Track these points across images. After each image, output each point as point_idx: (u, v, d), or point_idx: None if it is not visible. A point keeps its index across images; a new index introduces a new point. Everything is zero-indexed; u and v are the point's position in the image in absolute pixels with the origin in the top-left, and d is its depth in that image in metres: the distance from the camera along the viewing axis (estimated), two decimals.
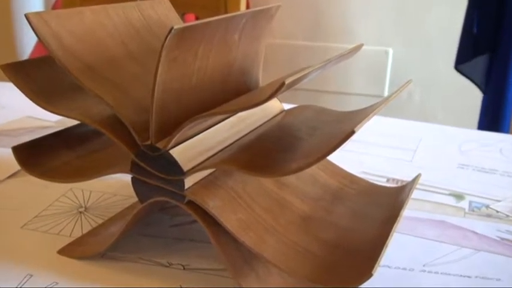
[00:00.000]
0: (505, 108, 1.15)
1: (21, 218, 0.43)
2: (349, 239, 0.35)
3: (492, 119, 1.16)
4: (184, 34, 0.30)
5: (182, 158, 0.33)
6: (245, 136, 0.38)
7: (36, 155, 0.39)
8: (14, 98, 0.44)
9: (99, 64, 0.35)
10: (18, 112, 0.68)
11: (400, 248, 0.40)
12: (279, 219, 0.35)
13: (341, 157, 0.42)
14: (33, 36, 0.34)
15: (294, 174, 0.33)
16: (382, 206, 0.39)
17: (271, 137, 0.37)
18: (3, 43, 1.47)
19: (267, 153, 0.34)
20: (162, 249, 0.39)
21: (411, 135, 0.66)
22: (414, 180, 0.41)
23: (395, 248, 0.40)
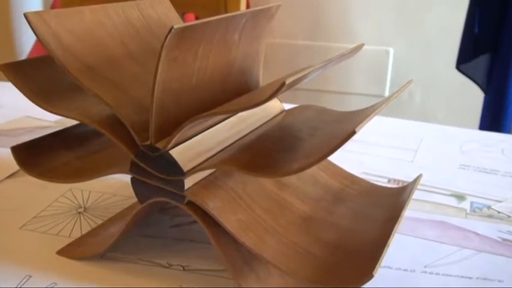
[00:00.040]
0: (507, 108, 1.14)
1: (20, 219, 0.43)
2: (350, 240, 0.35)
3: (493, 119, 1.16)
4: (184, 34, 0.30)
5: (182, 158, 0.33)
6: (245, 136, 0.38)
7: (35, 155, 0.39)
8: (13, 98, 0.44)
9: (98, 64, 0.35)
10: (17, 112, 0.67)
11: (401, 249, 0.40)
12: (280, 219, 0.35)
13: (342, 157, 0.41)
14: (32, 35, 0.34)
15: (295, 174, 0.32)
16: (383, 207, 0.39)
17: (271, 137, 0.37)
18: (2, 43, 1.47)
19: (268, 153, 0.34)
20: (162, 250, 0.39)
21: (412, 135, 0.66)
22: (415, 180, 0.41)
23: (396, 249, 0.39)
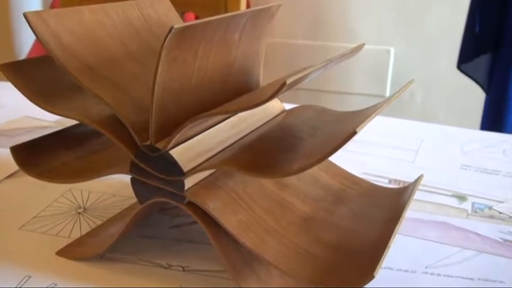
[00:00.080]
0: (508, 108, 1.14)
1: (19, 219, 0.43)
2: (350, 241, 0.35)
3: (495, 119, 1.16)
4: (184, 34, 0.30)
5: (182, 159, 0.33)
6: (246, 136, 0.38)
7: (34, 155, 0.39)
8: (12, 98, 0.44)
9: (98, 64, 0.35)
10: (16, 112, 0.67)
11: (402, 250, 0.40)
12: (280, 220, 0.35)
13: (342, 157, 0.41)
14: (31, 35, 0.33)
15: (295, 175, 0.32)
16: (384, 207, 0.39)
17: (272, 138, 0.37)
18: (1, 42, 1.47)
19: (268, 153, 0.34)
20: (162, 250, 0.39)
21: (413, 135, 0.66)
22: (416, 181, 0.41)
23: (397, 250, 0.39)
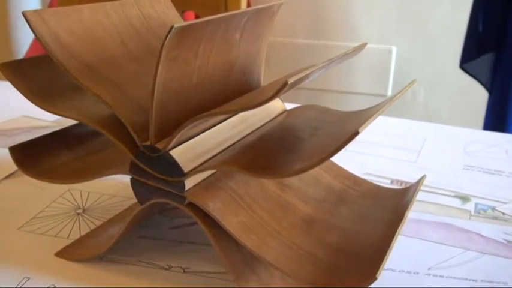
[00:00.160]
0: (511, 108, 1.14)
1: (18, 220, 0.42)
2: (352, 242, 0.35)
3: (498, 119, 1.15)
4: (184, 33, 0.30)
5: (182, 159, 0.33)
6: (247, 136, 0.37)
7: (33, 156, 0.39)
8: (10, 97, 0.43)
9: (97, 63, 0.35)
10: (14, 111, 0.67)
11: (405, 251, 0.40)
12: (282, 221, 0.35)
13: (344, 158, 0.41)
14: (29, 34, 0.33)
15: (297, 175, 0.32)
16: (386, 208, 0.39)
17: (273, 138, 0.37)
18: None
19: (269, 154, 0.34)
20: (162, 251, 0.39)
21: (415, 135, 0.66)
22: (419, 181, 0.41)
23: (399, 251, 0.39)
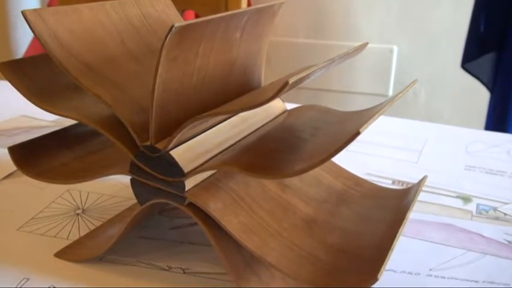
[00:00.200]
0: None
1: (17, 220, 0.42)
2: (354, 243, 0.35)
3: (499, 119, 1.15)
4: (184, 32, 0.30)
5: (183, 159, 0.32)
6: (247, 137, 0.37)
7: (32, 156, 0.38)
8: (9, 97, 0.43)
9: (97, 63, 0.35)
10: (13, 111, 0.67)
11: (406, 252, 0.40)
12: (282, 222, 0.35)
13: (345, 158, 0.41)
14: (28, 33, 0.33)
15: (298, 176, 0.32)
16: (387, 209, 0.38)
17: (274, 138, 0.37)
18: None
19: (270, 154, 0.33)
20: (162, 252, 0.39)
21: (417, 135, 0.65)
22: (420, 182, 0.40)
23: (401, 252, 0.39)
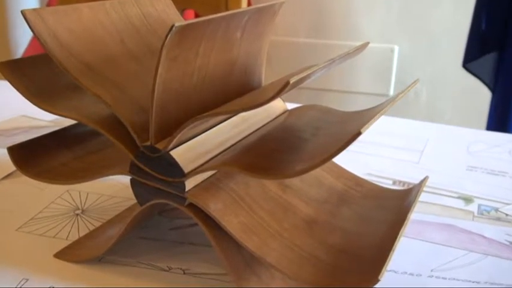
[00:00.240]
0: None
1: (16, 220, 0.42)
2: (355, 243, 0.34)
3: (501, 119, 1.15)
4: (185, 32, 0.29)
5: (183, 160, 0.32)
6: (248, 137, 0.37)
7: (32, 156, 0.38)
8: (8, 96, 0.43)
9: (97, 62, 0.35)
10: (12, 111, 0.67)
11: (407, 253, 0.40)
12: (283, 222, 0.35)
13: (345, 158, 0.40)
14: (27, 33, 0.33)
15: (298, 176, 0.32)
16: (388, 209, 0.38)
17: (274, 138, 0.37)
18: None
19: (270, 154, 0.33)
20: (162, 252, 0.38)
21: (418, 135, 0.65)
22: (421, 182, 0.40)
23: (402, 253, 0.39)
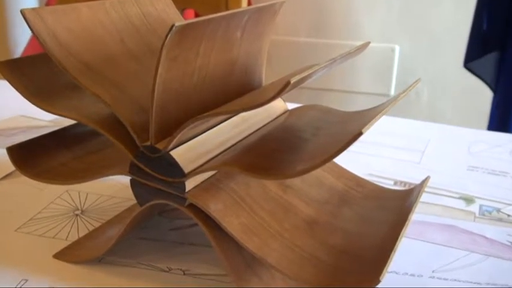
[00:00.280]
0: None
1: (15, 221, 0.42)
2: (356, 244, 0.34)
3: (502, 119, 1.14)
4: (185, 32, 0.29)
5: (183, 160, 0.32)
6: (248, 137, 0.37)
7: (31, 156, 0.38)
8: (7, 96, 0.43)
9: (97, 62, 0.35)
10: (11, 111, 0.67)
11: (409, 253, 0.39)
12: (284, 223, 0.34)
13: (346, 158, 0.40)
14: (27, 32, 0.33)
15: (299, 176, 0.31)
16: (389, 210, 0.38)
17: (275, 138, 0.36)
18: None
19: (271, 154, 0.33)
20: (162, 253, 0.38)
21: (419, 135, 0.65)
22: (422, 183, 0.40)
23: (403, 253, 0.39)
